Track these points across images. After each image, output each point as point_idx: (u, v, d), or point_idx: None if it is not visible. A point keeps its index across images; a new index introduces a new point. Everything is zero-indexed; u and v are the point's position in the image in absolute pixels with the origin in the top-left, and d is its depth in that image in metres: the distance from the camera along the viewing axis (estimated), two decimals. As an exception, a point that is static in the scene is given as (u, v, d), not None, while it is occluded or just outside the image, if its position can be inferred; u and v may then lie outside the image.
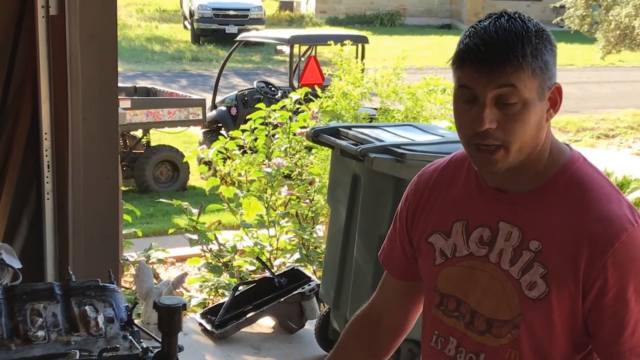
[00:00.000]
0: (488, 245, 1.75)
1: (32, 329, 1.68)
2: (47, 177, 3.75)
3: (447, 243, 1.82)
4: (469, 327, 1.78)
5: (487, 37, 1.61)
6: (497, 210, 1.74)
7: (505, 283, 1.71)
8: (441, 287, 1.84)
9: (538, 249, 1.68)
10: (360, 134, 4.25)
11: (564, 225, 1.66)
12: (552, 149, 1.73)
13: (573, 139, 14.12)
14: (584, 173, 1.72)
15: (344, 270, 4.42)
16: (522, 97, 1.61)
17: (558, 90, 1.68)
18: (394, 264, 2.01)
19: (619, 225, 1.64)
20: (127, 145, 10.57)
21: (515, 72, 1.60)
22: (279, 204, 6.62)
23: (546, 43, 1.64)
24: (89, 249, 3.75)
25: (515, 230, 1.71)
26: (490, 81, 1.61)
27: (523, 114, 1.63)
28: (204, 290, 6.10)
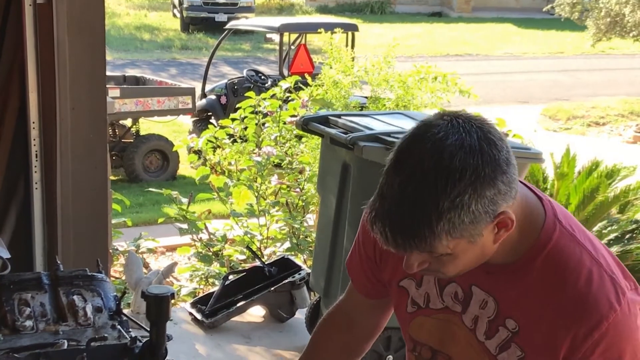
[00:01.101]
0: (462, 304, 1.68)
1: (20, 318, 1.67)
2: (35, 167, 3.73)
3: (418, 292, 1.75)
4: None
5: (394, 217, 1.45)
6: (470, 272, 1.60)
7: (482, 355, 1.65)
8: (413, 334, 1.80)
9: (515, 329, 1.60)
10: (350, 122, 4.24)
11: (541, 310, 1.57)
12: (522, 222, 1.55)
13: (563, 127, 14.14)
14: (561, 250, 1.58)
15: (334, 259, 4.41)
16: (445, 253, 1.49)
17: (506, 217, 1.49)
18: (359, 280, 1.93)
19: (599, 313, 1.54)
20: (117, 134, 10.54)
21: (428, 247, 1.46)
22: (269, 193, 6.61)
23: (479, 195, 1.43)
24: (78, 239, 3.73)
25: (491, 301, 1.63)
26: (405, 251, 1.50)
27: (452, 260, 1.52)
28: (194, 279, 6.09)
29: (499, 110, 11.45)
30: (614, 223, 5.28)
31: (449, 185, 1.40)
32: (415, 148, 1.45)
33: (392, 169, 1.47)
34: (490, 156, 1.43)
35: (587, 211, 5.22)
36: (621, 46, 21.39)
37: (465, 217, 1.42)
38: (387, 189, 1.46)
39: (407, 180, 1.43)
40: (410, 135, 1.49)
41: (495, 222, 1.47)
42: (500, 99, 16.02)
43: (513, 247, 1.57)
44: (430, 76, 7.21)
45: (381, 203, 1.46)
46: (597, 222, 5.28)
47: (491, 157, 1.43)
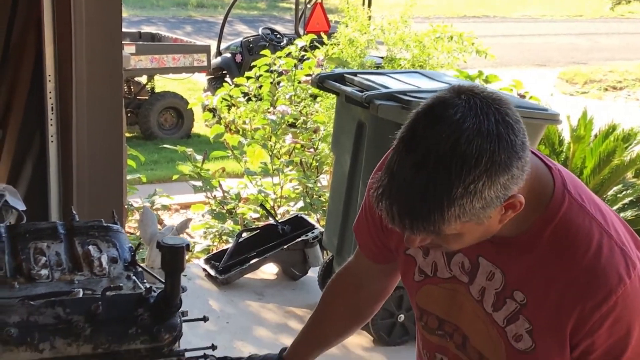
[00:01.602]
0: (469, 275, 1.66)
1: (36, 267, 1.68)
2: (51, 120, 3.73)
3: (425, 261, 1.73)
4: (461, 350, 1.72)
5: (404, 198, 1.40)
6: (478, 243, 1.56)
7: (490, 327, 1.63)
8: (420, 303, 1.78)
9: (523, 302, 1.58)
10: (366, 81, 4.21)
11: (549, 283, 1.55)
12: (530, 199, 1.50)
13: (581, 91, 14.04)
14: (570, 222, 1.55)
15: (348, 218, 4.42)
16: (452, 234, 1.46)
17: (516, 201, 1.46)
18: (366, 245, 1.91)
19: (608, 286, 1.51)
20: (132, 91, 10.53)
21: (435, 232, 1.43)
22: (283, 152, 6.60)
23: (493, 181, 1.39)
24: (93, 192, 3.74)
25: (498, 273, 1.61)
26: (411, 232, 1.46)
27: (457, 239, 1.49)
28: (208, 236, 6.12)
29: (516, 73, 11.37)
30: (630, 187, 5.25)
31: (463, 172, 1.36)
32: (430, 129, 1.39)
33: (404, 147, 1.41)
34: (507, 142, 1.38)
35: (603, 175, 5.20)
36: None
37: (476, 203, 1.39)
38: (397, 168, 1.41)
39: (420, 162, 1.38)
40: (425, 113, 1.42)
41: (505, 204, 1.44)
42: (517, 61, 15.90)
43: (521, 220, 1.53)
44: (446, 35, 7.15)
45: (390, 182, 1.41)
46: (612, 186, 5.26)
47: (508, 142, 1.38)
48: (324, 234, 4.79)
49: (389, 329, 4.38)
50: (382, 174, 1.43)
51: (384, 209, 1.43)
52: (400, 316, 4.36)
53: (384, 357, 4.32)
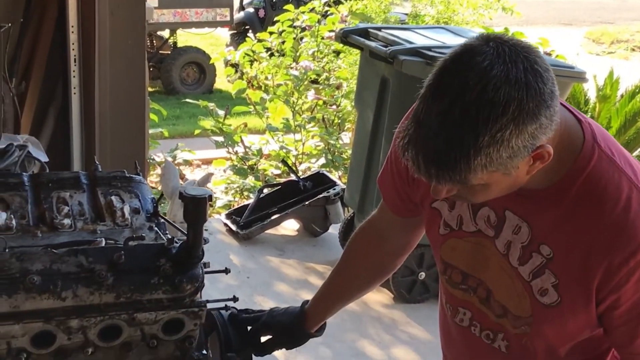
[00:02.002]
0: (495, 228, 1.63)
1: (59, 216, 1.67)
2: (74, 72, 3.72)
3: (451, 214, 1.71)
4: (485, 304, 1.71)
5: (430, 147, 1.37)
6: (504, 196, 1.54)
7: (515, 281, 1.62)
8: (445, 257, 1.76)
9: (549, 255, 1.56)
10: (391, 36, 4.17)
11: (577, 236, 1.52)
12: (559, 151, 1.48)
13: (607, 51, 13.86)
14: (599, 175, 1.52)
15: (370, 175, 4.40)
16: (479, 184, 1.43)
17: (544, 151, 1.42)
18: (391, 198, 1.88)
19: (636, 241, 1.48)
20: (154, 45, 10.51)
21: (462, 181, 1.40)
22: (305, 109, 6.58)
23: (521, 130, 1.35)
24: (115, 144, 3.75)
25: (525, 227, 1.58)
26: (437, 182, 1.43)
27: (484, 190, 1.46)
28: (229, 192, 6.13)
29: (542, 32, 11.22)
30: (655, 148, 5.20)
31: (490, 120, 1.32)
32: (457, 76, 1.36)
33: (431, 95, 1.38)
34: (535, 90, 1.35)
35: (629, 135, 5.14)
36: (671, -31, 20.76)
37: (503, 152, 1.35)
38: (424, 117, 1.37)
39: (447, 110, 1.35)
40: (452, 60, 1.38)
41: (533, 154, 1.41)
42: (543, 20, 15.70)
43: (549, 172, 1.50)
44: (472, -10, 7.06)
45: (416, 130, 1.38)
46: (638, 146, 5.21)
47: (536, 90, 1.35)
48: (346, 190, 4.77)
49: (409, 286, 4.38)
50: (408, 122, 1.41)
51: (410, 158, 1.41)
52: (421, 274, 4.36)
53: (403, 314, 4.33)
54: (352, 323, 4.18)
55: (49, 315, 1.42)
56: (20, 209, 1.67)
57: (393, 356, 4.01)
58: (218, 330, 1.83)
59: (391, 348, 4.06)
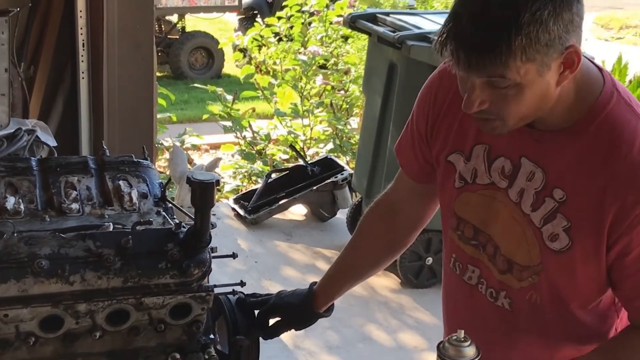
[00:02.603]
0: (509, 178, 1.65)
1: (67, 201, 1.68)
2: (82, 56, 3.72)
3: (466, 167, 1.71)
4: (492, 261, 1.72)
5: (470, 33, 1.41)
6: (520, 143, 1.60)
7: (525, 228, 1.63)
8: (458, 211, 1.77)
9: (562, 199, 1.57)
10: (399, 21, 4.16)
11: (591, 176, 1.54)
12: (580, 86, 1.53)
13: (616, 37, 13.79)
14: (617, 117, 1.54)
15: (377, 160, 4.40)
16: (515, 82, 1.44)
17: (573, 52, 1.45)
18: (409, 163, 1.90)
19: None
20: (163, 30, 10.50)
21: (502, 65, 1.41)
22: (313, 94, 6.57)
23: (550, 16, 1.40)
24: (124, 128, 3.75)
25: (539, 172, 1.60)
26: (477, 72, 1.45)
27: (517, 96, 1.47)
28: (237, 176, 6.14)
29: (551, 17, 11.18)
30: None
31: (528, 8, 1.38)
32: None
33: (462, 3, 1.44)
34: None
35: (637, 121, 5.13)
36: (682, -46, 20.62)
37: (541, 35, 1.39)
38: (462, 8, 1.43)
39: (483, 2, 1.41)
40: None
41: (563, 56, 1.44)
42: (552, 5, 15.58)
43: (568, 111, 1.55)
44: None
45: (455, 23, 1.42)
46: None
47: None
48: (354, 175, 4.78)
49: (416, 271, 4.39)
50: (444, 22, 1.45)
51: (450, 51, 1.43)
52: (428, 259, 4.36)
53: (410, 299, 4.34)
54: (359, 308, 4.19)
55: (57, 299, 1.43)
56: (29, 194, 1.68)
57: (400, 341, 4.02)
58: (225, 314, 1.83)
59: (398, 333, 4.08)
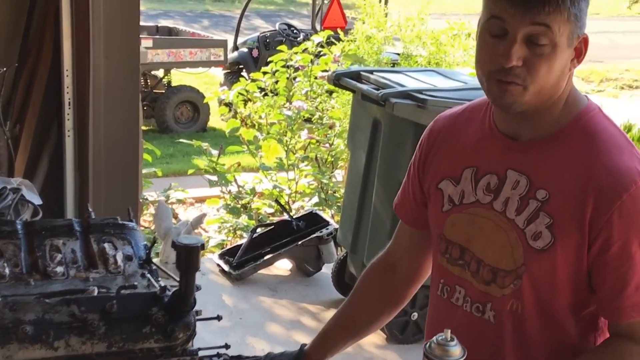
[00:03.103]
0: (494, 192, 1.73)
1: (52, 264, 1.68)
2: (68, 115, 3.75)
3: (455, 189, 1.80)
4: (475, 277, 1.77)
5: None
6: (507, 157, 1.71)
7: (509, 232, 1.69)
8: (447, 234, 1.83)
9: (545, 198, 1.65)
10: (382, 79, 4.21)
11: (572, 175, 1.63)
12: (569, 98, 1.68)
13: (596, 89, 13.97)
14: (597, 123, 1.68)
15: (362, 215, 4.42)
16: (553, 39, 1.57)
17: (585, 41, 1.63)
18: (406, 211, 1.99)
19: (628, 177, 1.59)
20: (149, 84, 10.57)
21: (553, 12, 1.55)
22: (298, 148, 6.61)
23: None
24: (109, 187, 3.76)
25: (523, 179, 1.68)
26: (526, 17, 1.56)
27: (550, 57, 1.58)
28: (223, 231, 6.13)
29: (533, 71, 11.32)
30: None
31: None
32: None
33: None
34: None
35: (619, 175, 5.18)
36: (659, 8, 21.00)
37: (579, 2, 1.57)
38: None
39: None
40: None
41: (578, 41, 1.61)
42: (534, 59, 15.77)
43: (556, 119, 1.67)
44: (463, 33, 7.14)
45: None
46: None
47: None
48: (339, 230, 4.79)
49: (402, 327, 4.38)
50: None
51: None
52: (414, 314, 4.36)
53: (396, 355, 4.32)
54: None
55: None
56: (14, 257, 1.68)
57: (386, 398, 4.00)
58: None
59: (384, 389, 4.05)
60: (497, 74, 1.61)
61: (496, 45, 1.60)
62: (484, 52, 1.65)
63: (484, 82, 1.66)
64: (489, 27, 1.62)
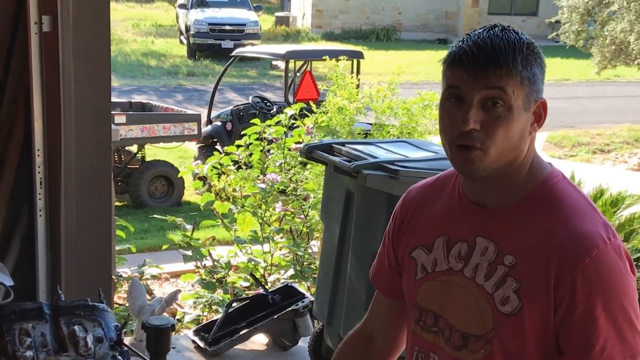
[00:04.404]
0: (464, 259, 1.77)
1: (21, 349, 1.67)
2: (40, 194, 3.74)
3: (428, 258, 1.84)
4: (447, 343, 1.79)
5: (480, 42, 1.66)
6: (475, 225, 1.76)
7: (478, 297, 1.72)
8: (420, 301, 1.86)
9: (512, 263, 1.69)
10: (354, 151, 4.24)
11: (536, 240, 1.68)
12: (532, 165, 1.75)
13: (569, 154, 14.14)
14: (561, 189, 1.74)
15: (338, 287, 4.41)
16: (508, 102, 1.64)
17: (543, 105, 1.72)
18: (382, 280, 2.02)
19: (590, 241, 1.65)
20: (122, 160, 10.57)
21: (504, 76, 1.63)
22: (273, 220, 6.60)
23: (536, 57, 1.69)
24: (82, 266, 3.74)
25: (491, 245, 1.73)
26: (479, 82, 1.64)
27: (507, 119, 1.66)
28: (198, 306, 6.08)
29: (504, 138, 11.44)
30: (619, 251, 5.25)
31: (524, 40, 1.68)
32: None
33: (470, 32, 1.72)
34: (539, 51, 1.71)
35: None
36: (626, 73, 21.39)
37: (534, 65, 1.66)
38: (471, 35, 1.70)
39: (492, 27, 1.69)
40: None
41: (536, 106, 1.70)
42: (505, 125, 15.96)
43: (522, 184, 1.73)
44: (434, 103, 7.23)
45: (466, 39, 1.68)
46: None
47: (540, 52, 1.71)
48: (314, 303, 4.76)
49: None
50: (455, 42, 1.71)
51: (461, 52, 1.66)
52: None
53: None
54: None
55: None
56: (-18, 343, 1.66)
57: None
58: None
59: None
60: (457, 139, 1.68)
61: (455, 112, 1.68)
62: (444, 120, 1.72)
63: (447, 150, 1.73)
64: (448, 95, 1.70)
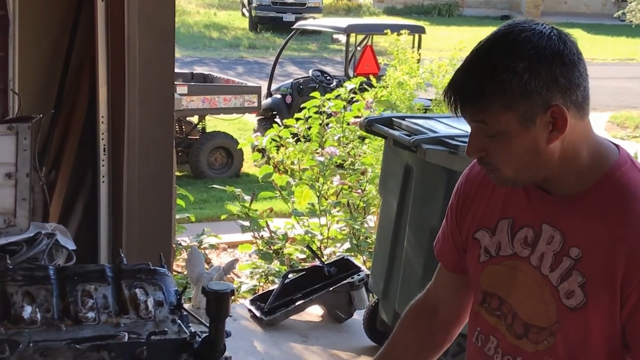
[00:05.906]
0: (530, 246, 1.73)
1: (83, 310, 1.70)
2: (103, 161, 3.80)
3: (491, 240, 1.81)
4: (509, 329, 1.77)
5: (456, 78, 1.62)
6: (541, 211, 1.71)
7: (543, 289, 1.69)
8: (484, 285, 1.83)
9: (578, 256, 1.64)
10: (414, 125, 4.22)
11: (604, 234, 1.62)
12: (594, 154, 1.66)
13: (631, 135, 13.86)
14: (630, 179, 1.65)
15: (394, 262, 4.40)
16: (499, 129, 1.59)
17: (557, 112, 1.57)
18: (446, 256, 2.00)
19: None
20: (183, 130, 10.67)
21: (479, 111, 1.59)
22: (330, 193, 6.61)
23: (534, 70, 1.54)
24: (142, 233, 3.79)
25: (557, 235, 1.68)
26: (465, 116, 1.63)
27: (505, 144, 1.61)
28: (254, 277, 6.13)
29: (567, 117, 11.25)
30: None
31: (507, 53, 1.55)
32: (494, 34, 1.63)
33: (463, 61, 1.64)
34: (555, 45, 1.56)
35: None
36: (694, 54, 20.87)
37: (515, 86, 1.53)
38: (458, 68, 1.63)
39: (479, 49, 1.60)
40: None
41: (549, 114, 1.56)
42: (568, 104, 15.70)
43: (584, 175, 1.65)
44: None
45: (455, 73, 1.63)
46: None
47: (555, 46, 1.56)
48: (370, 277, 4.77)
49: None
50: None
51: (447, 98, 1.62)
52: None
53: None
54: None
55: (70, 411, 1.44)
56: (46, 302, 1.70)
57: None
58: None
59: None
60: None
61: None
62: None
63: None
64: None
